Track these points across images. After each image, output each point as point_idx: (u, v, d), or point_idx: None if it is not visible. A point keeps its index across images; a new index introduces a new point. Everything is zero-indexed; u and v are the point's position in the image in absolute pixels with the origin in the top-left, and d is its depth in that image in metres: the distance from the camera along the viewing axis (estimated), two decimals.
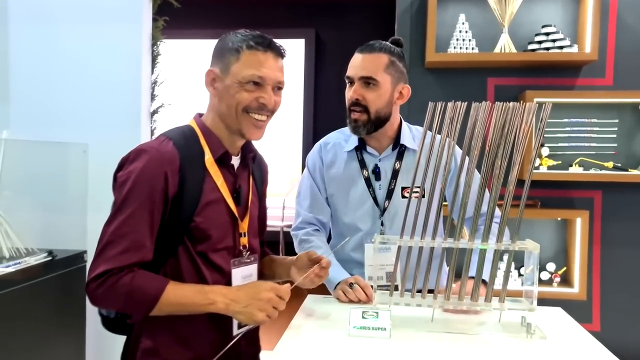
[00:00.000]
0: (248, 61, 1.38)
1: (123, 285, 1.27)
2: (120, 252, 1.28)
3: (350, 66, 1.88)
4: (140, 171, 1.31)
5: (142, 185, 1.30)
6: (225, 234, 1.43)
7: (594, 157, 3.14)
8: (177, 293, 1.31)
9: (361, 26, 6.16)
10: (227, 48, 1.40)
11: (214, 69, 1.42)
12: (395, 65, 1.85)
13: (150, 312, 1.31)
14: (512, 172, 1.44)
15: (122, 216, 1.30)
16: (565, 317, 1.66)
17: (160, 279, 1.33)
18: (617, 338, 3.13)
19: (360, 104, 1.83)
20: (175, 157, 1.34)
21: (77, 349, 2.49)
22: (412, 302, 1.50)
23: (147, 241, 1.31)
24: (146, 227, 1.31)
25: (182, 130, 1.44)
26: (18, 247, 2.28)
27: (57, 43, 2.76)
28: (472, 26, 3.18)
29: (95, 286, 1.28)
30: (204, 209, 1.38)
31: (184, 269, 1.38)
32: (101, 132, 2.71)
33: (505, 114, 1.42)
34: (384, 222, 1.89)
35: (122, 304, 1.31)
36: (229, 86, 1.39)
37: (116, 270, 1.28)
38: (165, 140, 1.38)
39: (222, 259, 1.43)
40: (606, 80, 3.16)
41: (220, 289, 1.36)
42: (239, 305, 1.32)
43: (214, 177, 1.41)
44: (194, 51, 6.45)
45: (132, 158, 1.34)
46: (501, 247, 1.46)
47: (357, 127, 1.86)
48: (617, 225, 3.17)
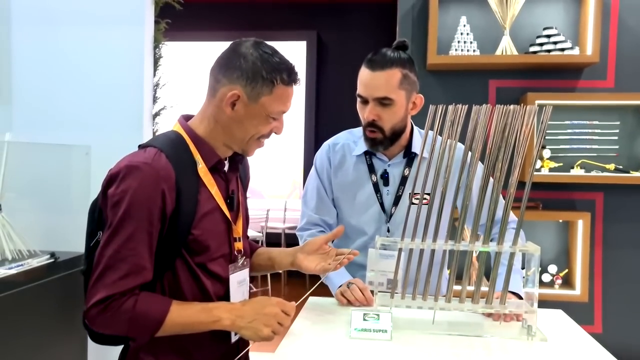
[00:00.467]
0: (280, 97, 1.34)
1: (126, 311, 1.24)
2: (121, 277, 1.24)
3: (361, 83, 1.79)
4: (135, 191, 1.24)
5: (138, 206, 1.24)
6: (221, 242, 1.41)
7: (595, 159, 3.15)
8: (182, 314, 1.28)
9: (363, 28, 6.18)
10: (261, 76, 1.31)
11: (239, 92, 1.32)
12: (408, 78, 1.79)
13: (155, 335, 1.28)
14: (513, 175, 1.44)
15: (119, 239, 1.24)
16: (566, 319, 1.66)
17: (163, 300, 1.29)
18: (619, 340, 3.13)
19: (377, 125, 1.80)
20: (170, 172, 1.28)
21: (79, 350, 2.50)
22: (413, 305, 1.50)
23: (147, 263, 1.27)
24: (145, 249, 1.26)
25: (170, 138, 1.37)
26: (20, 249, 2.29)
27: (58, 45, 2.77)
28: (473, 28, 3.19)
29: (97, 312, 1.24)
30: (201, 221, 1.34)
31: (183, 281, 1.35)
32: (103, 134, 2.72)
33: (506, 117, 1.42)
34: (390, 229, 1.88)
35: (125, 329, 1.27)
36: (255, 115, 1.34)
37: (117, 296, 1.24)
38: (156, 153, 1.30)
39: (220, 266, 1.41)
40: (607, 82, 3.16)
41: (224, 305, 1.34)
42: (244, 320, 1.30)
43: (209, 186, 1.37)
44: (196, 53, 6.48)
45: (123, 175, 1.26)
46: (502, 250, 1.46)
47: (374, 145, 1.83)
48: (619, 227, 3.17)
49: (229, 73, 1.33)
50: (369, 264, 1.53)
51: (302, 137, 6.31)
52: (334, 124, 6.78)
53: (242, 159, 1.53)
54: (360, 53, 7.25)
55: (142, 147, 1.36)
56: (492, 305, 1.48)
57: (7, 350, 2.05)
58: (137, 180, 1.25)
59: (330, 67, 6.38)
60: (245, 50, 1.34)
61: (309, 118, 6.34)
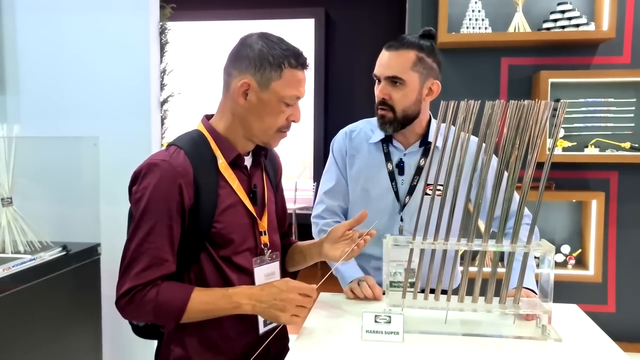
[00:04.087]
0: (290, 80, 1.36)
1: (149, 301, 1.31)
2: (144, 268, 1.31)
3: (377, 64, 1.82)
4: (155, 187, 1.32)
5: (157, 200, 1.31)
6: (246, 235, 1.44)
7: (610, 138, 3.09)
8: (203, 300, 1.34)
9: (372, 5, 6.03)
10: (268, 62, 1.34)
11: (249, 80, 1.35)
12: (424, 62, 1.78)
13: (180, 321, 1.34)
14: (527, 172, 1.41)
15: (141, 233, 1.32)
16: (581, 315, 1.64)
17: (184, 289, 1.34)
18: (632, 319, 3.13)
19: (387, 103, 1.80)
20: (188, 168, 1.34)
21: (94, 340, 2.53)
22: (425, 305, 1.49)
23: (168, 255, 1.34)
24: (166, 242, 1.33)
25: (191, 136, 1.43)
26: (32, 241, 2.30)
27: (63, 34, 2.73)
28: (485, 5, 3.11)
29: (125, 303, 1.32)
30: (223, 214, 1.39)
31: (208, 274, 1.40)
32: (110, 122, 2.70)
33: (520, 112, 1.38)
34: (403, 218, 1.88)
35: (152, 317, 1.35)
36: (268, 102, 1.37)
37: (141, 287, 1.31)
38: (176, 150, 1.37)
39: (245, 259, 1.44)
40: (624, 58, 3.09)
41: (244, 290, 1.36)
42: (262, 305, 1.34)
43: (229, 181, 1.41)
44: (204, 33, 6.38)
45: (144, 173, 1.34)
46: (515, 249, 1.44)
47: (384, 123, 1.83)
48: (634, 206, 3.13)
49: (238, 64, 1.38)
50: (385, 254, 1.51)
51: (312, 116, 6.25)
52: (343, 102, 6.75)
53: (267, 153, 1.55)
54: (369, 30, 7.16)
55: (167, 146, 1.43)
56: (505, 305, 1.47)
57: (22, 344, 2.08)
58: (156, 177, 1.32)
59: (338, 44, 6.24)
60: (252, 41, 1.38)
61: (319, 97, 6.25)
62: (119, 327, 1.35)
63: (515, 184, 1.45)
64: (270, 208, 1.55)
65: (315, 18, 6.20)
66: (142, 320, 1.44)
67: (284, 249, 1.67)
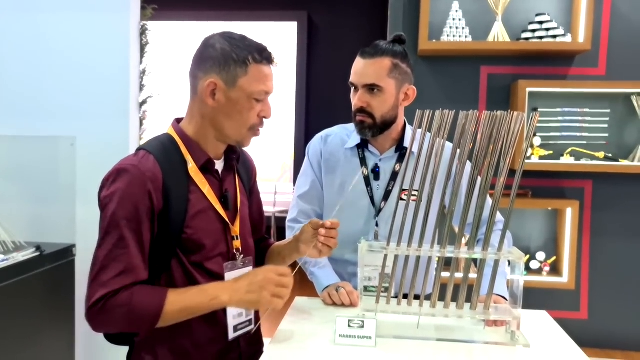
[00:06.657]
0: (257, 75, 1.36)
1: (122, 305, 1.26)
2: (115, 275, 1.27)
3: (353, 72, 1.83)
4: (123, 192, 1.29)
5: (126, 206, 1.28)
6: (218, 240, 1.42)
7: (585, 147, 3.14)
8: (179, 299, 1.30)
9: (355, 9, 6.06)
10: (232, 59, 1.34)
11: (215, 80, 1.35)
12: (399, 68, 1.81)
13: (156, 325, 1.30)
14: (499, 180, 1.43)
15: (111, 240, 1.28)
16: (550, 321, 1.67)
17: (159, 290, 1.31)
18: (603, 326, 3.18)
19: (366, 111, 1.81)
20: (157, 173, 1.32)
21: (66, 343, 2.50)
22: (398, 310, 1.51)
23: (139, 262, 1.30)
24: (136, 249, 1.29)
25: (161, 140, 1.41)
26: (5, 241, 2.28)
27: (41, 32, 2.71)
28: (465, 14, 3.14)
29: (95, 312, 1.27)
30: (194, 220, 1.37)
31: (178, 280, 1.37)
32: (89, 123, 2.68)
33: (493, 123, 1.41)
34: (378, 223, 1.89)
35: (125, 324, 1.30)
36: (237, 100, 1.36)
37: (113, 293, 1.27)
38: (145, 155, 1.35)
39: (217, 265, 1.42)
40: (599, 70, 3.15)
41: (219, 284, 1.36)
42: (240, 293, 1.31)
43: (200, 185, 1.39)
44: (185, 34, 6.35)
45: (113, 178, 1.32)
46: (487, 256, 1.46)
47: (363, 129, 1.84)
48: (607, 215, 3.18)
49: (202, 66, 1.37)
50: (360, 259, 1.52)
51: (293, 119, 6.25)
52: (325, 106, 6.76)
53: (239, 157, 1.54)
54: (351, 35, 7.18)
55: (136, 150, 1.40)
56: (476, 312, 1.49)
57: None
58: (124, 182, 1.30)
59: (321, 48, 6.26)
60: (214, 41, 1.38)
61: (300, 100, 6.26)
62: (92, 331, 1.33)
63: (488, 191, 1.48)
64: (243, 212, 1.53)
65: (298, 21, 6.22)
66: (113, 329, 1.36)
67: (263, 252, 1.67)
